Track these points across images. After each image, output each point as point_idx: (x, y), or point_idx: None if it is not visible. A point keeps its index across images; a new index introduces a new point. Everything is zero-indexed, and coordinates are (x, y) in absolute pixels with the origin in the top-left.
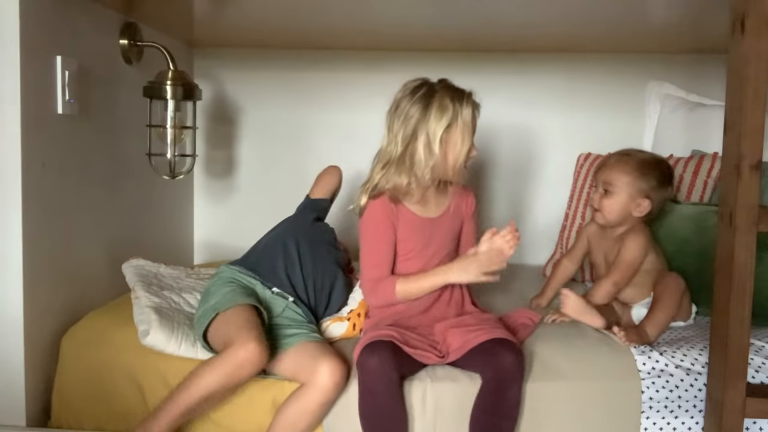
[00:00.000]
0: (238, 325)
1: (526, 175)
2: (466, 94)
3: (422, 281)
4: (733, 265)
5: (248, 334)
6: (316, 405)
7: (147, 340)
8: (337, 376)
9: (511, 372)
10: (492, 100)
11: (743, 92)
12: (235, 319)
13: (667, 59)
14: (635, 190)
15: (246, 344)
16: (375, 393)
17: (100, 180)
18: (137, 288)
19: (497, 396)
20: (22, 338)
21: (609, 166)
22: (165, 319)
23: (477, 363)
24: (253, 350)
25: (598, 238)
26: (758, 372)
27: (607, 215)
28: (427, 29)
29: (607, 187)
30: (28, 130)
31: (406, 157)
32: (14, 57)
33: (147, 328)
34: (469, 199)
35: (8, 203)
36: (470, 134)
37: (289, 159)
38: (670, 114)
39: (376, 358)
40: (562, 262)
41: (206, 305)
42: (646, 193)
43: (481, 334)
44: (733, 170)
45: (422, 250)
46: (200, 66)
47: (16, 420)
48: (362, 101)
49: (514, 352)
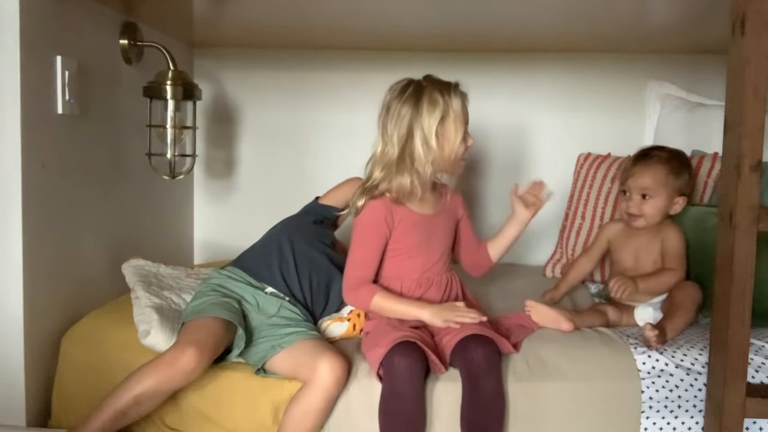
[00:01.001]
0: (190, 332)
1: (526, 175)
2: (452, 85)
3: (397, 306)
4: (733, 265)
5: (192, 338)
6: (319, 403)
7: (147, 341)
8: (338, 372)
9: (480, 365)
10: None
11: (743, 92)
12: (193, 329)
13: (667, 59)
14: (672, 190)
15: (185, 348)
16: (402, 396)
17: (100, 180)
18: (137, 288)
19: (473, 390)
20: (22, 338)
21: (641, 172)
22: (165, 319)
23: (455, 361)
24: (191, 355)
25: (625, 238)
26: (758, 372)
27: (649, 219)
28: (427, 29)
29: (646, 192)
30: (28, 130)
31: (405, 157)
32: (14, 57)
33: (147, 328)
34: (458, 199)
35: (8, 203)
36: (463, 124)
37: (289, 159)
38: (670, 114)
39: (408, 360)
40: (579, 261)
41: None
42: (681, 190)
43: (457, 333)
44: (733, 170)
45: (424, 246)
46: (200, 66)
47: (16, 420)
48: (362, 101)
49: (484, 345)
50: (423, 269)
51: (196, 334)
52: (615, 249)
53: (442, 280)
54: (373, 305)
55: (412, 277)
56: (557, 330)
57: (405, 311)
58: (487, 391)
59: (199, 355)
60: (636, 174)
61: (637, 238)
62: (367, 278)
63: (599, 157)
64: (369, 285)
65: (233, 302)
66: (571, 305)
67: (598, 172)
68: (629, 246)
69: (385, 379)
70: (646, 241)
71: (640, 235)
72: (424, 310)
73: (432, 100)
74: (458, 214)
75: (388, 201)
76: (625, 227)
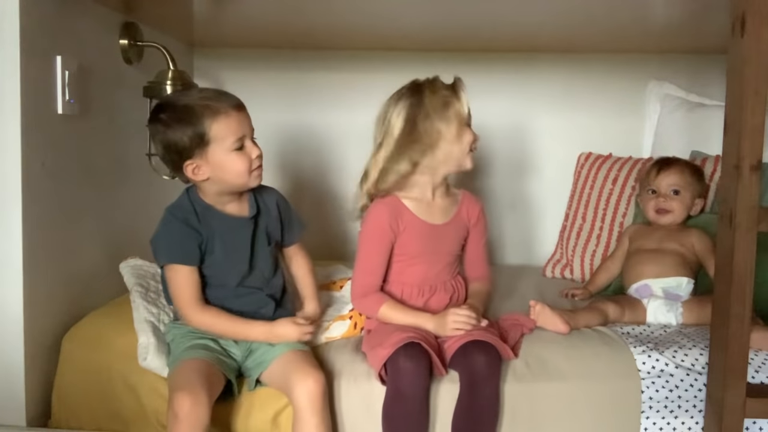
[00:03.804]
0: (174, 380)
1: (526, 175)
2: (454, 80)
3: (404, 317)
4: (733, 265)
5: (178, 385)
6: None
7: (145, 364)
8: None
9: (482, 372)
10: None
11: (743, 92)
12: (176, 376)
13: (667, 59)
14: (695, 191)
15: (174, 398)
16: (407, 398)
17: (100, 180)
18: (134, 294)
19: (471, 397)
20: (22, 338)
21: (670, 172)
22: (161, 342)
23: (456, 367)
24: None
25: (646, 233)
26: (758, 372)
27: (677, 216)
28: (427, 29)
29: (677, 188)
30: (28, 130)
31: (406, 149)
32: (14, 57)
33: (145, 353)
34: (476, 209)
35: (8, 203)
36: (467, 119)
37: (289, 159)
38: (670, 114)
39: (413, 362)
40: (606, 263)
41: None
42: (701, 193)
43: (459, 338)
44: (733, 170)
45: (428, 256)
46: (200, 66)
47: (16, 420)
48: (362, 101)
49: (487, 352)
50: (425, 276)
51: (180, 378)
52: (636, 239)
53: (447, 286)
54: (381, 315)
55: (413, 283)
56: (555, 331)
57: (412, 322)
58: (484, 397)
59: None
60: (665, 174)
61: (657, 231)
62: (375, 286)
63: (600, 157)
64: (376, 294)
65: (209, 342)
66: (570, 303)
67: (599, 173)
68: (651, 237)
69: (389, 381)
70: (665, 234)
71: (662, 231)
72: (429, 322)
73: (433, 88)
74: (470, 223)
75: (392, 204)
76: (644, 227)
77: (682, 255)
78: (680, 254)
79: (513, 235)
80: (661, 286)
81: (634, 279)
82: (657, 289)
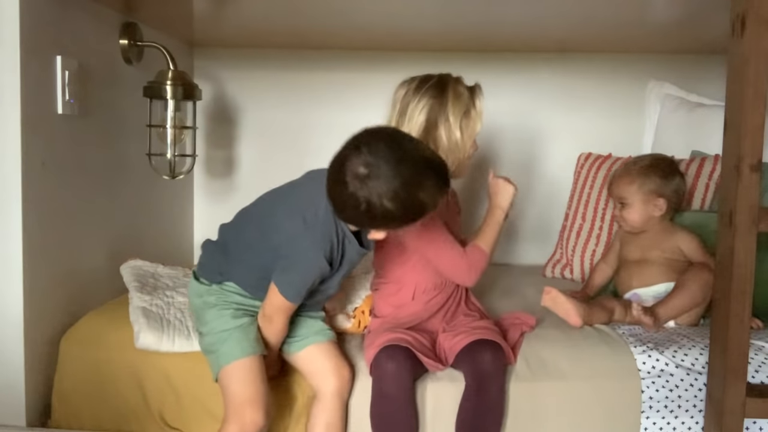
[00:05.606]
0: (236, 384)
1: (526, 175)
2: (475, 87)
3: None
4: (733, 265)
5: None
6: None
7: (139, 343)
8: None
9: (488, 371)
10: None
11: (743, 92)
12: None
13: (667, 59)
14: (645, 193)
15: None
16: (390, 397)
17: (100, 180)
18: (131, 289)
19: (478, 396)
20: (22, 338)
21: (615, 182)
22: (152, 320)
23: (461, 365)
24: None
25: (632, 238)
26: (758, 372)
27: (631, 224)
28: (427, 29)
29: (622, 201)
30: (28, 130)
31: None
32: (14, 57)
33: (138, 330)
34: (455, 198)
35: (8, 203)
36: (480, 124)
37: (289, 159)
38: (670, 114)
39: (394, 363)
40: (600, 265)
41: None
42: (658, 192)
43: (464, 337)
44: (733, 170)
45: None
46: (200, 66)
47: (16, 420)
48: (362, 101)
49: (493, 351)
50: (436, 275)
51: (246, 386)
52: (623, 245)
53: (449, 284)
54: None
55: (426, 284)
56: (564, 321)
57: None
58: (492, 395)
59: (264, 413)
60: (612, 185)
61: (641, 237)
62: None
63: (600, 158)
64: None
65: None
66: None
67: (599, 173)
68: (636, 243)
69: (373, 381)
70: (651, 241)
71: (644, 235)
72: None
73: (457, 92)
74: (453, 209)
75: None
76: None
77: (666, 261)
78: (664, 261)
79: (513, 234)
80: (651, 295)
81: (625, 289)
82: (647, 297)
